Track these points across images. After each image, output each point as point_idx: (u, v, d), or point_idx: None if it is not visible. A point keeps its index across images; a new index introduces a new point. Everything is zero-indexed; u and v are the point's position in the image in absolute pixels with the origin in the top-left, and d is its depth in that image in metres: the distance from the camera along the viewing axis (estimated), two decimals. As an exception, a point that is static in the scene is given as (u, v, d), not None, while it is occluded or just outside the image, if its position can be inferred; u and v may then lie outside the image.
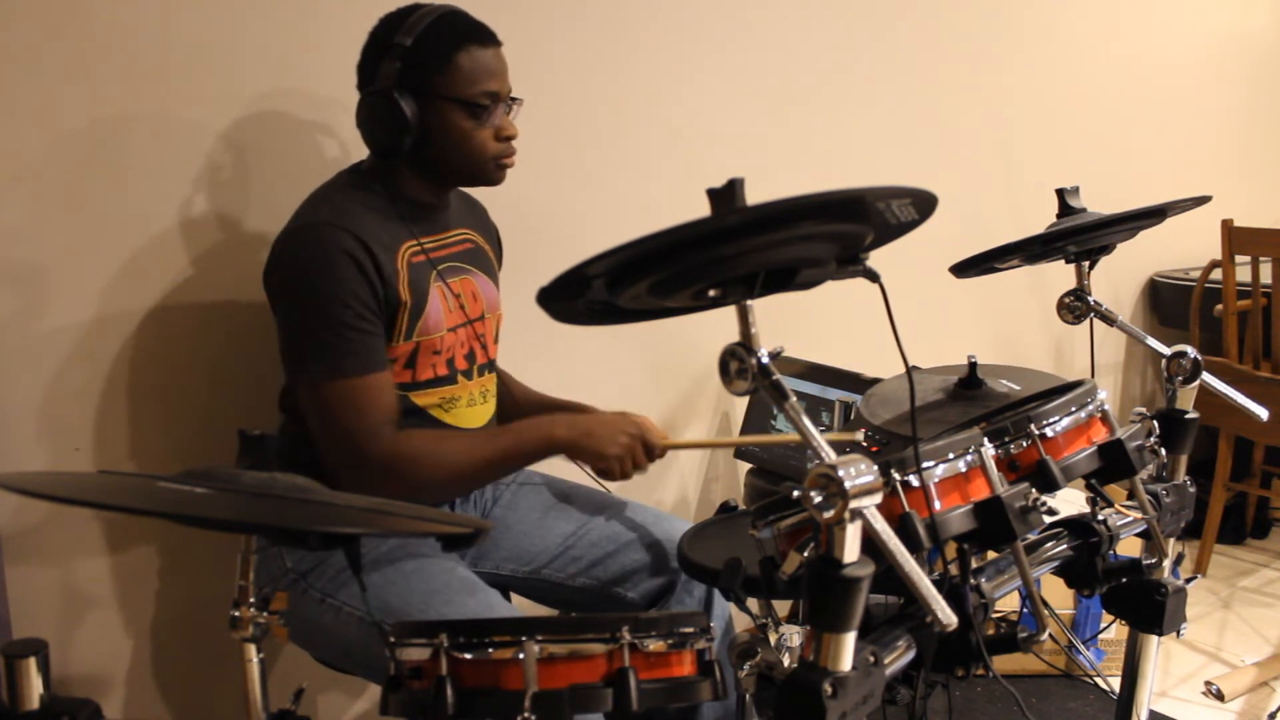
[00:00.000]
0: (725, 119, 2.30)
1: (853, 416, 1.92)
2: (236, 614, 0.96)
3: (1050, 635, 1.19)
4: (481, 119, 1.46)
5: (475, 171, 1.51)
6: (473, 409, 1.58)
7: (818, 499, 0.84)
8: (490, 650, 1.01)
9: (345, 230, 1.40)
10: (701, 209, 0.84)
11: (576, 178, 2.09)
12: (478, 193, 1.70)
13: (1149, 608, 1.39)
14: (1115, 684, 1.66)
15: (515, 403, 1.73)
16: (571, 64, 2.04)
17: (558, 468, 1.75)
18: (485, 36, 1.47)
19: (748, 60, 2.32)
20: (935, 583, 0.91)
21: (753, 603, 1.11)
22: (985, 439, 1.10)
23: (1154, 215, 1.44)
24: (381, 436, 1.41)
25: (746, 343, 0.93)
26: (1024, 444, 1.15)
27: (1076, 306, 1.52)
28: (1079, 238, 1.43)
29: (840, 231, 0.93)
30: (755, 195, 0.83)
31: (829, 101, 2.49)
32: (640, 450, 1.51)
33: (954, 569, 1.10)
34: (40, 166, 1.50)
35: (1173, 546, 1.42)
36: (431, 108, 1.44)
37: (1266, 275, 2.77)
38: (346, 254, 1.39)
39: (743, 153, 2.33)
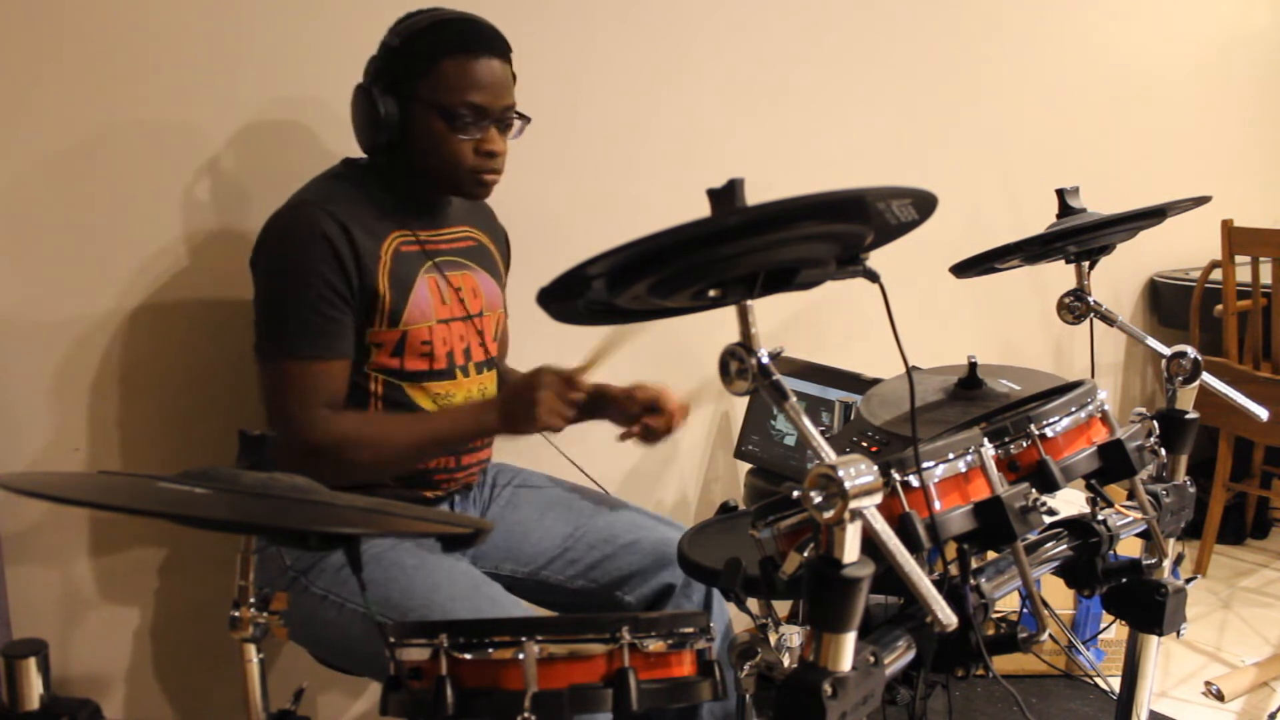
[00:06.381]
0: (725, 119, 2.30)
1: (853, 417, 1.92)
2: (236, 614, 0.96)
3: (1050, 635, 1.19)
4: (458, 128, 1.44)
5: (451, 180, 1.49)
6: (471, 407, 1.58)
7: (818, 499, 0.84)
8: (490, 650, 1.01)
9: (326, 212, 1.41)
10: (701, 209, 0.84)
11: (577, 178, 2.09)
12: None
13: (1149, 608, 1.39)
14: (1115, 684, 1.66)
15: None
16: (571, 63, 2.04)
17: (557, 469, 1.76)
18: (481, 48, 1.44)
19: (748, 60, 2.32)
20: (935, 583, 0.91)
21: (753, 603, 1.11)
22: (985, 439, 1.09)
23: (1154, 215, 1.44)
24: (317, 422, 1.41)
25: (746, 343, 0.93)
26: (1024, 444, 1.15)
27: (1076, 306, 1.51)
28: (1079, 238, 1.43)
29: (840, 231, 0.93)
30: (755, 195, 0.83)
31: (829, 101, 2.49)
32: (563, 389, 1.44)
33: (954, 569, 1.10)
34: (38, 168, 1.50)
35: (1173, 547, 1.42)
36: (409, 109, 1.44)
37: (1266, 275, 2.77)
38: (323, 236, 1.40)
39: (742, 153, 2.33)
